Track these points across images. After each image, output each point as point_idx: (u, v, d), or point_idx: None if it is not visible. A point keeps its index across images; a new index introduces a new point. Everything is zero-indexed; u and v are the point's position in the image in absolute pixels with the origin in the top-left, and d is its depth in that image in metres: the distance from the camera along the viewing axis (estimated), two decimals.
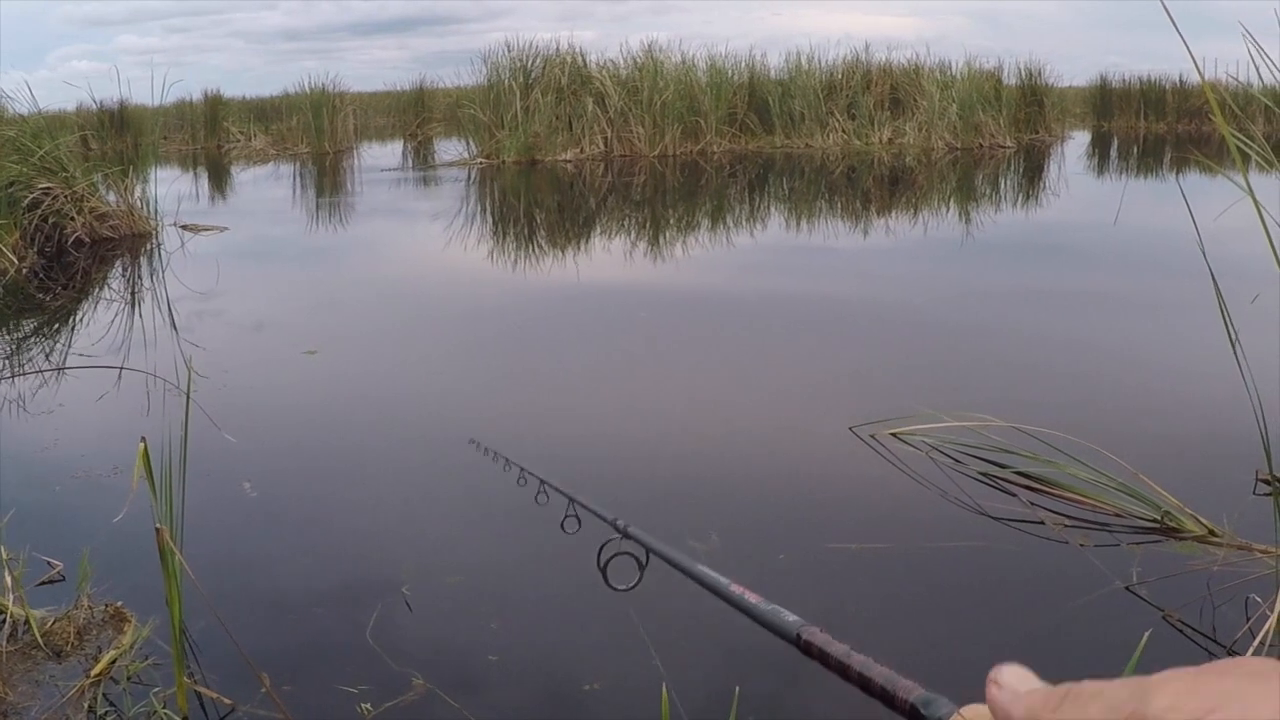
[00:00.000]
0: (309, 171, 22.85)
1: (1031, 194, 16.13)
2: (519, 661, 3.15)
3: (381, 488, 4.66)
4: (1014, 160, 21.17)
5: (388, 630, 3.30)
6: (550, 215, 15.25)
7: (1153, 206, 13.90)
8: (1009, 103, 23.80)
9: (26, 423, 5.52)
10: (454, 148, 24.42)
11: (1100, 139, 27.99)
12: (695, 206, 15.55)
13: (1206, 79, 3.22)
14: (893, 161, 20.91)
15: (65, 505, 4.41)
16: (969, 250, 11.03)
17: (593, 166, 21.18)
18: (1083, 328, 7.10)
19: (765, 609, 1.07)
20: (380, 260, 11.80)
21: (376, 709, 2.84)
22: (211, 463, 4.45)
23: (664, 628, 3.21)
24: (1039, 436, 4.37)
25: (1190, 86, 28.68)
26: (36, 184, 11.29)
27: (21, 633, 3.24)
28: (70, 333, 8.08)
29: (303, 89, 27.23)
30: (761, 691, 2.86)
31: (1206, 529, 3.78)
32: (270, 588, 3.70)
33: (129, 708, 2.86)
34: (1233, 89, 11.09)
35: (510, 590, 3.65)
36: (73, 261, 11.01)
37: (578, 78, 22.83)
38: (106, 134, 19.95)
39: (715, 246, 11.76)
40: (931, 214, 13.82)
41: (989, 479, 4.35)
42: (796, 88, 24.51)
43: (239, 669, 2.89)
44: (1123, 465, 4.05)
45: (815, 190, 17.38)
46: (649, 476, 4.68)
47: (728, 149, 23.57)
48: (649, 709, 2.76)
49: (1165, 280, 8.42)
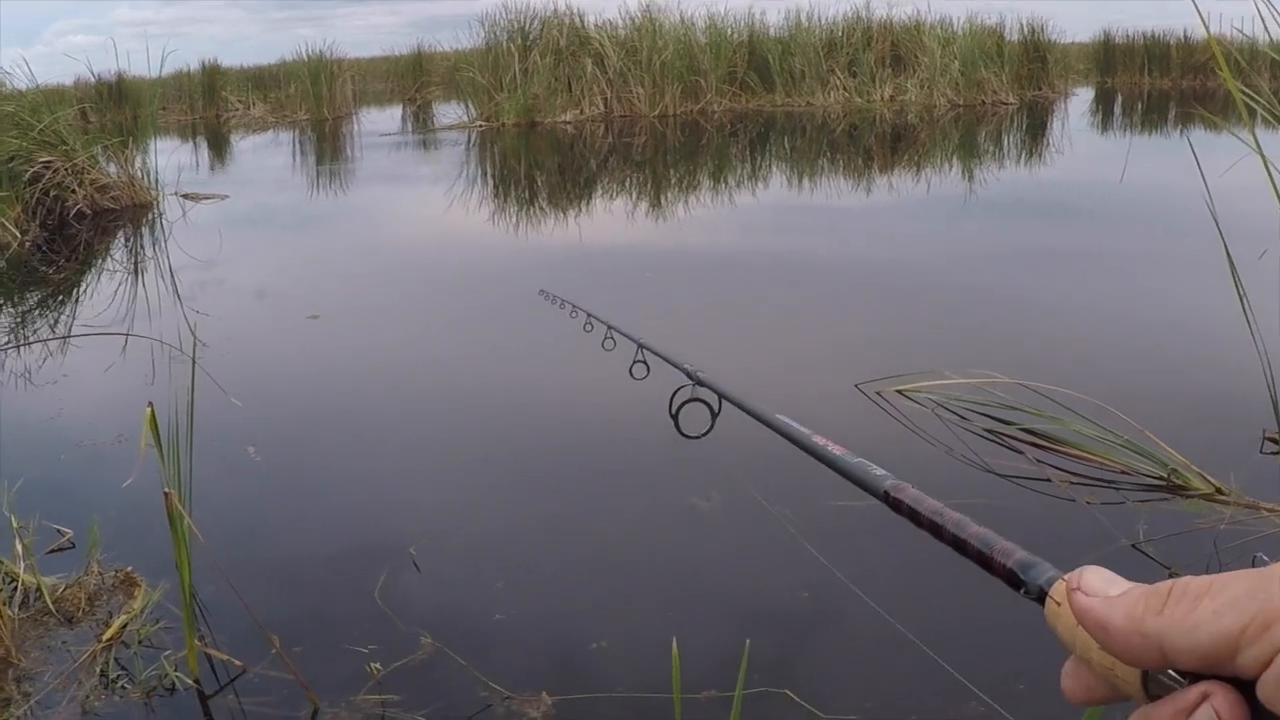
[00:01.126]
0: (308, 138, 22.81)
1: (1035, 151, 16.07)
2: (525, 623, 3.17)
3: (386, 449, 4.68)
4: (1017, 117, 21.10)
5: (396, 590, 3.31)
6: (551, 177, 15.21)
7: (1158, 163, 13.85)
8: (1011, 59, 23.71)
9: (33, 393, 5.53)
10: (453, 111, 24.38)
11: (1104, 95, 27.86)
12: (697, 166, 15.52)
13: (1212, 34, 3.20)
14: (894, 119, 20.84)
15: (73, 473, 4.43)
16: (973, 208, 11.01)
17: (593, 127, 21.12)
18: (1089, 285, 7.09)
19: (851, 462, 1.03)
20: (381, 225, 11.78)
21: (386, 668, 2.85)
22: (218, 428, 4.46)
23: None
24: (1045, 393, 4.37)
25: (1195, 42, 28.49)
26: (37, 158, 11.27)
27: (33, 600, 3.26)
28: (74, 304, 8.09)
29: (300, 56, 27.25)
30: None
31: (1214, 487, 3.77)
32: (279, 550, 3.71)
33: (140, 671, 2.88)
34: (1239, 44, 11.01)
35: (518, 556, 3.66)
36: (75, 233, 11.00)
37: (576, 39, 22.75)
38: (105, 106, 19.83)
39: (717, 206, 11.74)
40: (934, 172, 13.78)
41: (995, 436, 4.35)
42: (797, 45, 24.40)
43: (249, 631, 2.90)
44: (1129, 423, 4.05)
45: (817, 148, 17.33)
46: (657, 446, 4.68)
47: (728, 108, 23.50)
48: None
49: (1172, 237, 8.39)
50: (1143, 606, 0.54)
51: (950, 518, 0.80)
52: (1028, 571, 0.68)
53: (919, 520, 0.85)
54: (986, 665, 2.78)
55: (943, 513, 0.82)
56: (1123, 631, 0.54)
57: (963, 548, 0.78)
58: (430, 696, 2.75)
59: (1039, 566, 0.67)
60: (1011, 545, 0.72)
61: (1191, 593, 0.52)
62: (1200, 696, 0.51)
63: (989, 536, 0.75)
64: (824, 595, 3.25)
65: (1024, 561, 0.69)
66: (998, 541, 0.73)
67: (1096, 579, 0.58)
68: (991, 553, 0.73)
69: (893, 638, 2.99)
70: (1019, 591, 0.68)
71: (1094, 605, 0.56)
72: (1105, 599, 0.56)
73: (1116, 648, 0.55)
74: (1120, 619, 0.54)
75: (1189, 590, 0.52)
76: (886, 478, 0.94)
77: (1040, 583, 0.66)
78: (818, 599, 3.23)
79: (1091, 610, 0.56)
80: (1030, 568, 0.68)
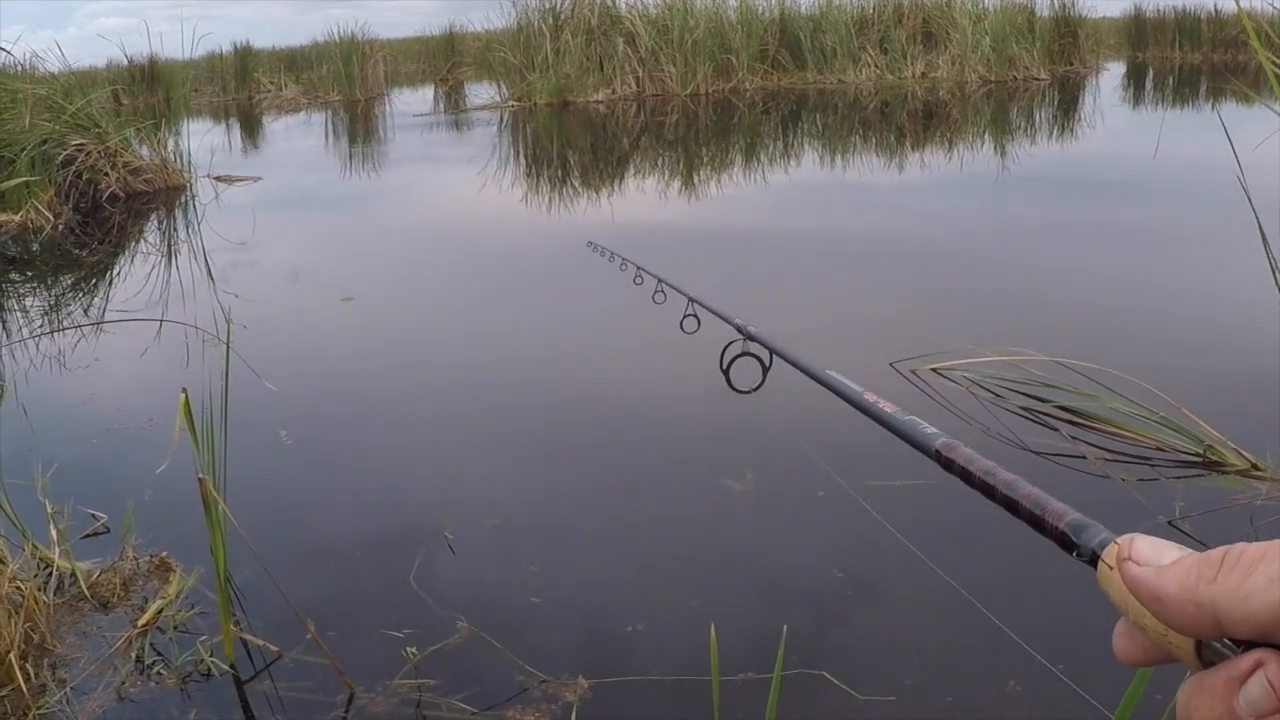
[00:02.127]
0: (341, 119, 22.84)
1: (1068, 126, 15.98)
2: (561, 606, 3.17)
3: (421, 431, 4.68)
4: (1048, 92, 20.98)
5: (431, 574, 3.32)
6: (584, 156, 15.20)
7: (1191, 137, 13.75)
8: (1042, 34, 23.56)
9: (67, 377, 5.55)
10: (485, 91, 24.36)
11: (1135, 70, 27.68)
12: (729, 144, 15.48)
13: (1242, 6, 3.17)
14: (926, 96, 20.74)
15: (108, 458, 4.45)
16: (1006, 184, 10.95)
17: (625, 107, 21.09)
18: (1123, 261, 7.05)
19: (902, 419, 1.03)
20: (414, 206, 11.80)
21: (422, 652, 2.85)
22: (252, 411, 4.46)
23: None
24: (1080, 370, 4.35)
25: (1226, 15, 28.25)
26: (69, 141, 11.31)
27: (68, 585, 3.27)
28: (108, 287, 8.12)
29: (332, 38, 27.26)
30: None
31: (1249, 463, 3.74)
32: (313, 534, 3.72)
33: (176, 657, 2.89)
34: (1270, 16, 10.92)
35: (554, 536, 3.66)
36: (108, 216, 11.04)
37: (607, 18, 22.69)
38: (138, 89, 19.95)
39: (750, 184, 11.71)
40: (967, 148, 13.72)
41: (1030, 413, 4.32)
42: (828, 23, 24.29)
43: (284, 616, 2.91)
44: (1164, 399, 4.03)
45: (849, 126, 17.27)
46: (684, 425, 4.68)
47: (760, 86, 23.42)
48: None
49: (1206, 212, 8.32)
50: (1195, 575, 0.53)
51: (1002, 478, 0.80)
52: (1080, 534, 0.67)
53: (970, 480, 0.85)
54: (1046, 633, 2.77)
55: (995, 473, 0.81)
56: (1176, 601, 0.53)
57: (1014, 508, 0.77)
58: (466, 681, 2.75)
59: (1091, 529, 0.67)
60: (1064, 507, 0.71)
61: (1246, 560, 0.51)
62: (1254, 664, 0.51)
63: (1041, 498, 0.74)
64: (864, 574, 3.25)
65: (1076, 524, 0.68)
66: (1050, 503, 0.73)
67: (1147, 548, 0.57)
68: (1044, 514, 0.72)
69: (931, 617, 2.99)
70: (1071, 554, 0.68)
71: (1146, 575, 0.55)
72: (1157, 569, 0.55)
73: (1170, 618, 0.54)
74: (1173, 588, 0.53)
75: (1243, 557, 0.51)
76: (938, 436, 0.94)
77: (1093, 545, 0.65)
78: (858, 577, 3.22)
79: (1144, 580, 0.55)
80: (1083, 530, 0.67)
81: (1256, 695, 0.50)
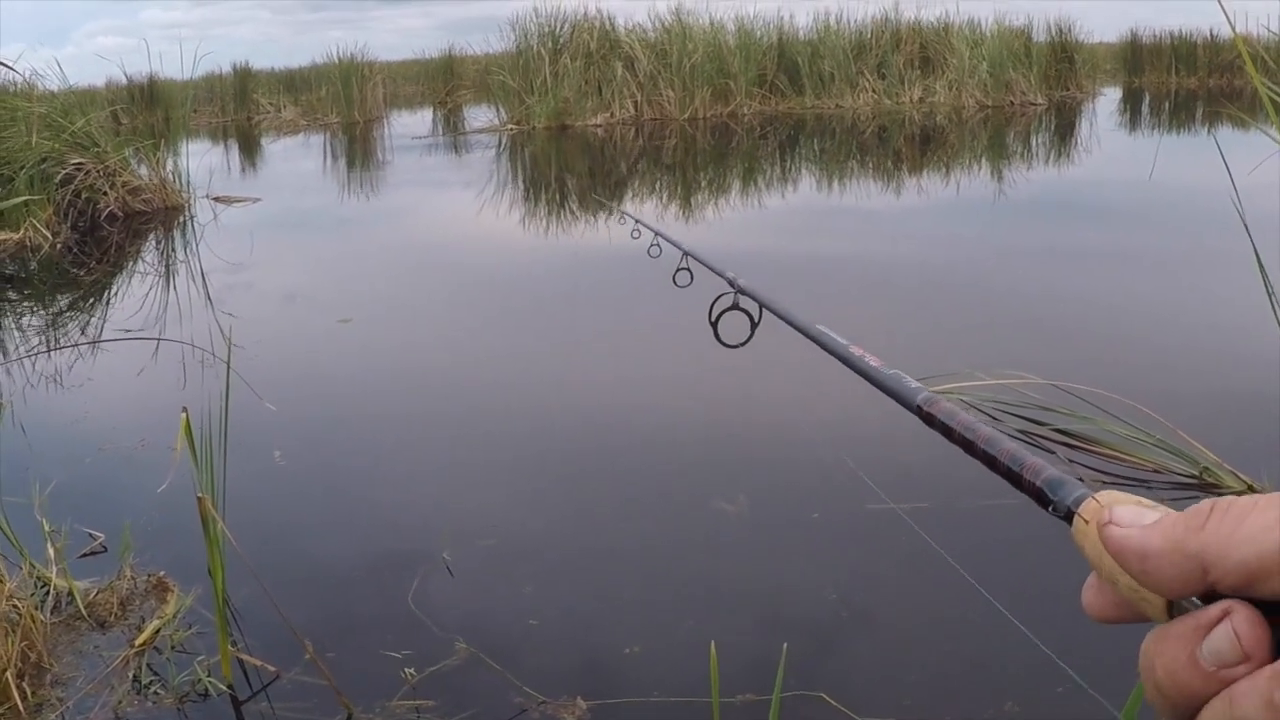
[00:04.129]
0: (339, 141, 22.88)
1: (1064, 151, 16.03)
2: (559, 627, 3.17)
3: (418, 451, 4.68)
4: (1045, 117, 21.05)
5: (429, 595, 3.31)
6: (582, 180, 15.20)
7: (1187, 162, 13.79)
8: (1039, 60, 23.67)
9: (65, 397, 5.55)
10: (484, 114, 24.41)
11: (1132, 95, 27.76)
12: (727, 169, 15.51)
13: (1238, 32, 3.18)
14: (924, 120, 20.80)
15: (105, 477, 4.45)
16: (1003, 209, 10.97)
17: (623, 130, 21.13)
18: (1120, 285, 7.05)
19: (886, 374, 1.02)
20: (412, 228, 11.81)
21: (420, 673, 2.85)
22: (251, 432, 4.46)
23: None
24: (1077, 394, 4.35)
25: (1222, 40, 28.38)
26: (68, 159, 11.34)
27: (65, 604, 3.27)
28: (106, 306, 8.13)
29: (331, 59, 27.33)
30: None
31: (1245, 485, 3.75)
32: (312, 554, 3.72)
33: (173, 677, 2.88)
34: (1265, 41, 10.96)
35: (552, 557, 3.66)
36: (106, 236, 11.06)
37: (606, 42, 22.77)
38: (137, 108, 19.97)
39: (747, 209, 11.73)
40: (964, 173, 13.75)
41: (1028, 436, 4.32)
42: (825, 48, 24.39)
43: (282, 636, 2.90)
44: (1161, 422, 4.03)
45: (847, 151, 17.30)
46: (683, 458, 4.68)
47: (758, 110, 23.48)
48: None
49: (1202, 236, 8.33)
50: (1183, 527, 0.51)
51: (982, 433, 0.79)
52: (1057, 490, 0.66)
53: (951, 435, 0.85)
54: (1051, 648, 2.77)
55: (975, 428, 0.81)
56: (1163, 554, 0.51)
57: (993, 464, 0.76)
58: (465, 702, 2.75)
59: (1068, 485, 0.66)
60: (1042, 462, 0.70)
61: (1236, 509, 0.49)
62: (1221, 613, 0.49)
63: (1019, 453, 0.73)
64: (857, 594, 3.25)
65: (1053, 479, 0.67)
66: (1028, 458, 0.72)
67: (1128, 512, 0.55)
68: (1021, 470, 0.71)
69: (929, 637, 2.99)
70: (1047, 509, 0.67)
71: (1131, 534, 0.54)
72: (1142, 527, 0.53)
73: (1158, 574, 0.52)
74: (1159, 542, 0.52)
75: (1234, 505, 0.50)
76: (920, 390, 0.94)
77: (1069, 502, 0.64)
78: (850, 598, 3.23)
79: (1128, 539, 0.54)
80: (1060, 486, 0.66)
81: (1221, 645, 0.49)
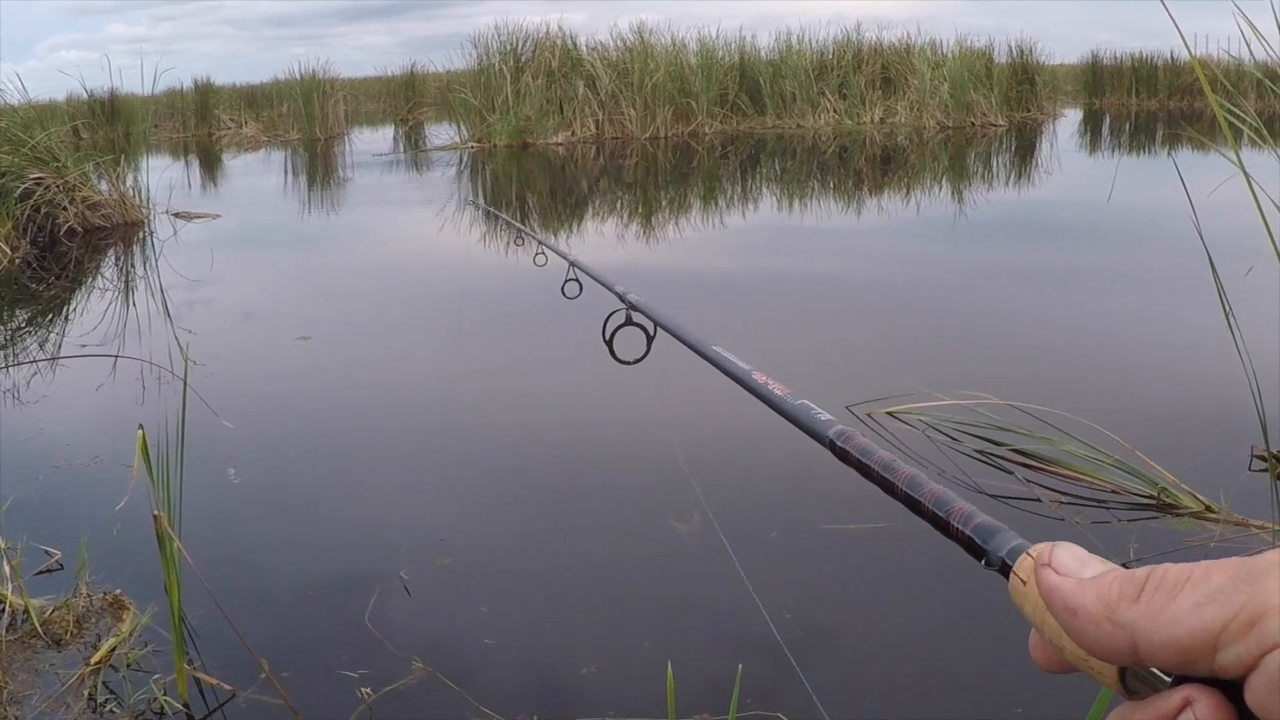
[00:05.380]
0: (300, 157, 22.82)
1: (1024, 172, 16.12)
2: (515, 647, 3.16)
3: (376, 471, 4.67)
4: (1006, 138, 21.17)
5: (386, 614, 3.31)
6: (542, 199, 15.20)
7: (1146, 183, 13.87)
8: (1000, 81, 23.81)
9: (22, 413, 5.51)
10: (445, 132, 24.38)
11: (1092, 116, 27.96)
12: (688, 188, 15.53)
13: (1197, 55, 3.21)
14: (884, 141, 20.90)
15: (62, 494, 4.41)
16: (962, 229, 11.02)
17: (584, 149, 21.15)
18: (1078, 306, 7.10)
19: (793, 404, 0.95)
20: (372, 246, 11.78)
21: (376, 693, 2.85)
22: (208, 449, 4.44)
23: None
24: (1035, 414, 4.38)
25: (1182, 63, 28.63)
26: (28, 174, 11.27)
27: (21, 622, 3.25)
28: (64, 322, 8.08)
29: (293, 75, 27.29)
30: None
31: (1203, 505, 3.78)
32: (269, 573, 3.70)
33: (129, 695, 2.87)
34: (1224, 65, 11.05)
35: (509, 576, 3.66)
36: (66, 251, 10.99)
37: (568, 60, 22.80)
38: (97, 123, 19.87)
39: (707, 228, 11.74)
40: (924, 193, 13.81)
41: (985, 457, 4.35)
42: (787, 68, 24.50)
43: (239, 655, 2.89)
44: (1119, 442, 4.06)
45: (807, 170, 17.36)
46: (638, 469, 4.68)
47: (719, 130, 23.54)
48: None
49: (1160, 257, 8.41)
50: (1117, 592, 0.49)
51: (903, 473, 0.73)
52: (990, 540, 0.61)
53: (869, 474, 0.78)
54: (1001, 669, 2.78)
55: (894, 466, 0.75)
56: (1093, 618, 0.50)
57: (916, 508, 0.70)
58: None
59: (1002, 535, 0.61)
60: (971, 508, 0.65)
61: (1170, 581, 0.48)
62: (1181, 703, 0.47)
63: (945, 497, 0.67)
64: (813, 613, 3.25)
65: (985, 527, 0.62)
66: (955, 503, 0.66)
67: (1069, 557, 0.53)
68: (948, 516, 0.66)
69: (886, 653, 3.00)
70: (980, 561, 0.62)
71: (1064, 585, 0.52)
72: (1078, 580, 0.51)
73: (1085, 635, 0.50)
74: (1092, 603, 0.50)
75: (1168, 578, 0.48)
76: (832, 424, 0.87)
77: (1003, 554, 0.59)
78: (807, 617, 3.23)
79: (1060, 591, 0.52)
80: (992, 536, 0.61)
81: None
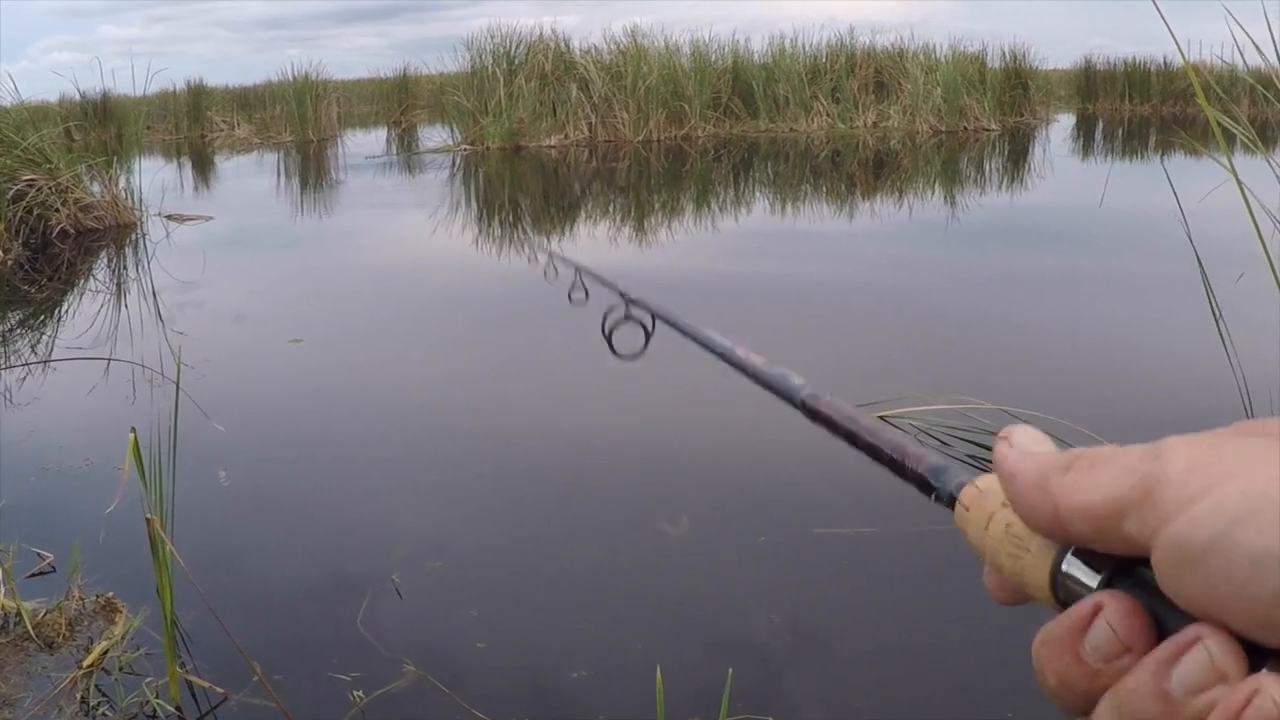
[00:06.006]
0: (293, 160, 22.78)
1: (1017, 177, 16.14)
2: (507, 650, 3.16)
3: (368, 474, 4.67)
4: (999, 143, 21.17)
5: (378, 617, 3.31)
6: (535, 202, 15.21)
7: (1138, 188, 13.89)
8: (993, 86, 23.79)
9: (14, 415, 5.51)
10: (438, 134, 24.36)
11: (1085, 121, 28.00)
12: (680, 191, 15.53)
13: (1190, 61, 3.23)
14: (877, 145, 20.90)
15: (55, 497, 4.41)
16: (955, 233, 11.03)
17: (577, 152, 21.14)
18: (1069, 310, 7.11)
19: (771, 372, 1.03)
20: (364, 248, 11.77)
21: (368, 696, 2.85)
22: (200, 452, 4.45)
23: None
24: (1027, 419, 4.37)
25: (1175, 68, 28.67)
26: (20, 176, 11.26)
27: (13, 625, 3.25)
28: (56, 324, 8.07)
29: (286, 77, 27.19)
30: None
31: None
32: (261, 576, 3.70)
33: (121, 698, 2.87)
34: (1217, 71, 11.06)
35: (501, 579, 3.66)
36: (58, 253, 10.98)
37: (561, 63, 22.77)
38: (90, 125, 19.83)
39: (701, 231, 11.74)
40: (917, 197, 13.82)
41: (977, 461, 4.35)
42: (780, 72, 24.47)
43: (231, 658, 2.89)
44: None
45: (800, 174, 17.36)
46: (629, 473, 4.68)
47: (712, 133, 23.53)
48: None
49: (1151, 261, 8.42)
50: (1051, 463, 0.54)
51: (865, 424, 0.77)
52: (939, 476, 0.66)
53: (835, 427, 0.82)
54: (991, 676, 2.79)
55: (857, 419, 0.79)
56: (1027, 483, 0.54)
57: (877, 454, 0.74)
58: None
59: (950, 470, 0.65)
60: (925, 450, 0.69)
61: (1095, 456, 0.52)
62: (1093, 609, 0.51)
63: (903, 442, 0.72)
64: (803, 618, 3.26)
65: (936, 466, 0.67)
66: (911, 447, 0.71)
67: (1025, 436, 0.58)
68: (904, 459, 0.70)
69: (874, 657, 3.00)
70: (930, 497, 0.66)
71: (1011, 454, 0.56)
72: (1023, 452, 0.56)
73: (1021, 502, 0.55)
74: (1029, 470, 0.54)
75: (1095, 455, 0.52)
76: (804, 387, 0.93)
77: (950, 488, 0.64)
78: (797, 622, 3.24)
79: (1008, 459, 0.56)
80: (942, 472, 0.66)
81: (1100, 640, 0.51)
